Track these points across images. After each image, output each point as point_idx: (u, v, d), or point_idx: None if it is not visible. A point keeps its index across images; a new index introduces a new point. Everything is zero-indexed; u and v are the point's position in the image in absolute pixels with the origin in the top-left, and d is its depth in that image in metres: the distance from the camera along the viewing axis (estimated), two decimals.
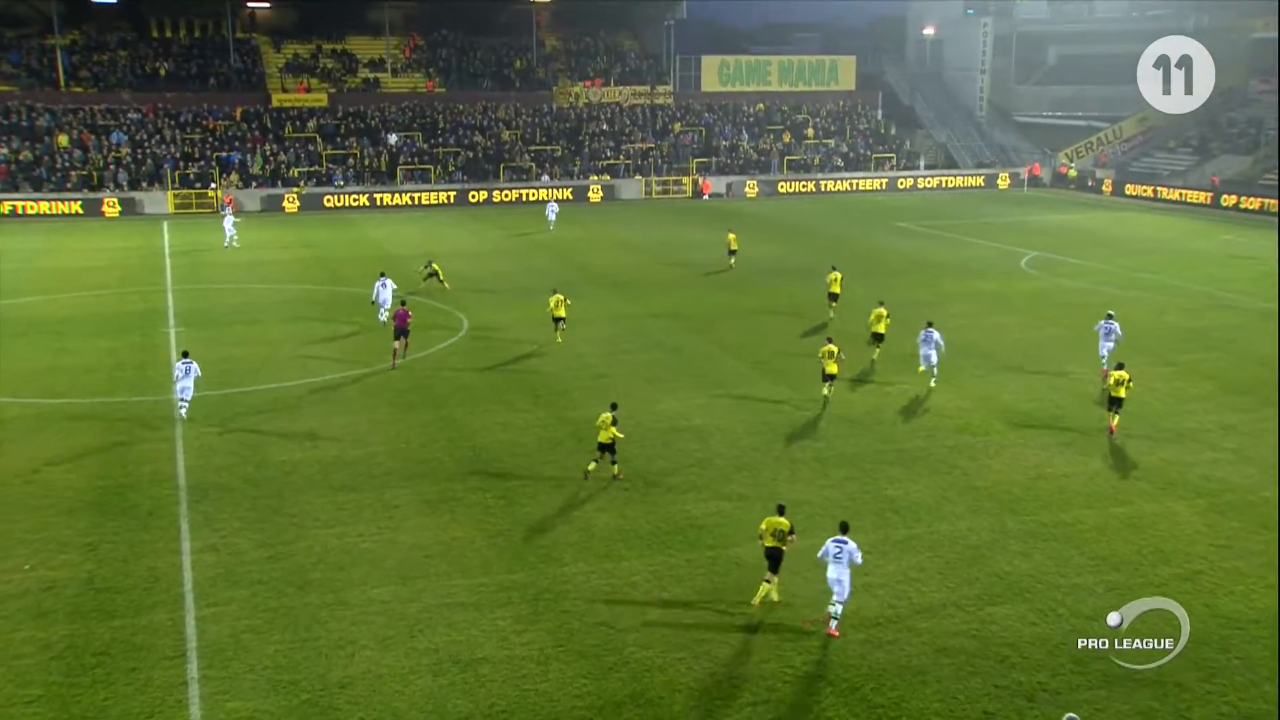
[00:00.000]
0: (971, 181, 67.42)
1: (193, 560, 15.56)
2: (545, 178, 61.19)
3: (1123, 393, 20.92)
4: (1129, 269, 38.35)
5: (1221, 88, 70.77)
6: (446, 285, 33.37)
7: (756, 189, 63.12)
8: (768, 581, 14.60)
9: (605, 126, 65.82)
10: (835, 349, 22.97)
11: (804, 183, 64.51)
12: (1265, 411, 22.03)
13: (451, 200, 57.81)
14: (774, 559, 14.52)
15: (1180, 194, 59.41)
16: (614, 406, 19.08)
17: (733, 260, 38.06)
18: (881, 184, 65.86)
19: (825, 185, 64.62)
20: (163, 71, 59.84)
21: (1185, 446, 20.44)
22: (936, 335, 24.16)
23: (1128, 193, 62.74)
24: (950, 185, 67.32)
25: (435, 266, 33.62)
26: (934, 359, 23.97)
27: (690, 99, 70.28)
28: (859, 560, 14.06)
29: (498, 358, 26.27)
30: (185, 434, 20.56)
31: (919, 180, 66.77)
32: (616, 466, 18.74)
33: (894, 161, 68.40)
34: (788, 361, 25.68)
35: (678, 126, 67.21)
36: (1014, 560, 16.05)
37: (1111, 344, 24.50)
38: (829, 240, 46.33)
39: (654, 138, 65.92)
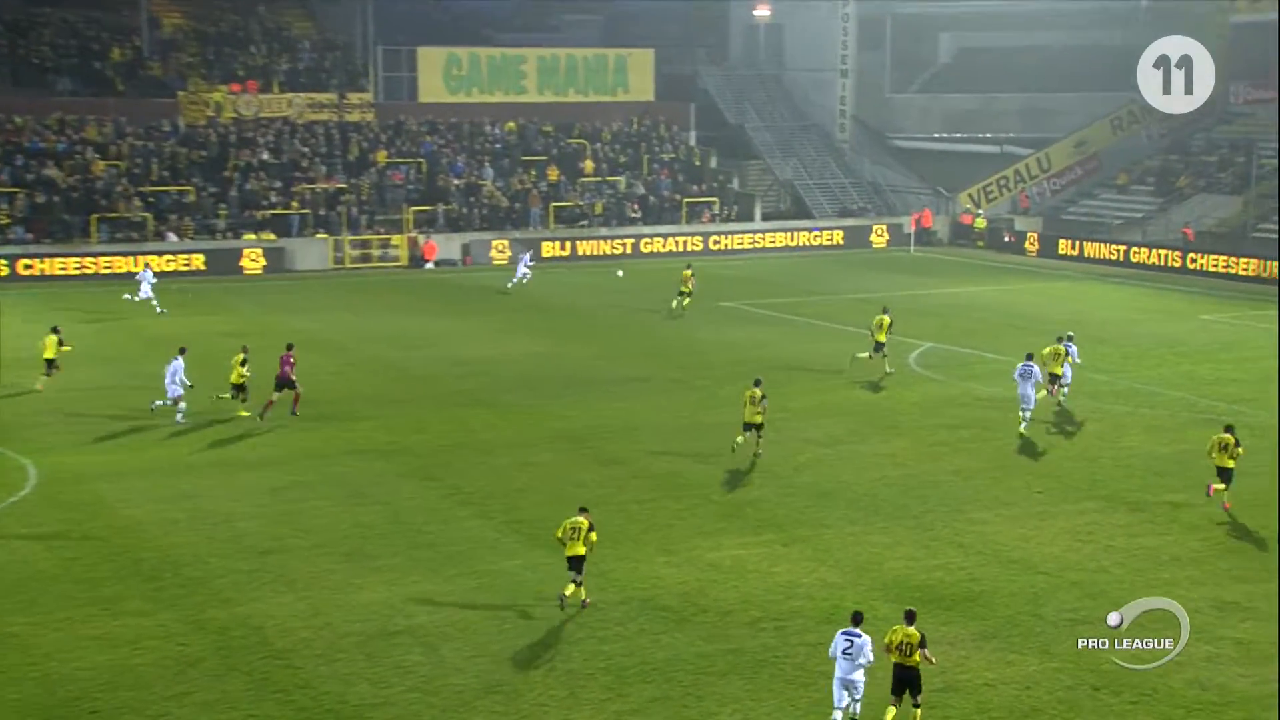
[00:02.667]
0: (831, 238, 70.57)
1: None
2: (171, 236, 59.37)
3: (1231, 462, 25.74)
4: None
5: None
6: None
7: (508, 252, 63.57)
8: (894, 706, 17.49)
9: (267, 156, 64.69)
10: (759, 394, 29.60)
11: (581, 242, 65.79)
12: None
13: (2, 273, 55.28)
14: (906, 681, 17.46)
15: (1137, 253, 63.99)
16: (584, 510, 22.16)
17: (686, 303, 48.64)
18: (697, 243, 67.77)
19: (613, 246, 66.07)
20: None
21: None
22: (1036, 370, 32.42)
23: (1061, 251, 66.89)
24: (800, 244, 70.16)
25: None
26: (1033, 399, 31.97)
27: (402, 113, 70.43)
28: (871, 659, 17.40)
29: (89, 527, 25.33)
30: None
31: (754, 237, 69.26)
32: (583, 590, 21.68)
33: (716, 209, 70.70)
34: (559, 513, 25.40)
35: (383, 156, 66.93)
36: None
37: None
38: (617, 331, 46.86)
39: (346, 174, 65.40)
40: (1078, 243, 66.44)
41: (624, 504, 26.95)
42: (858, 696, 17.59)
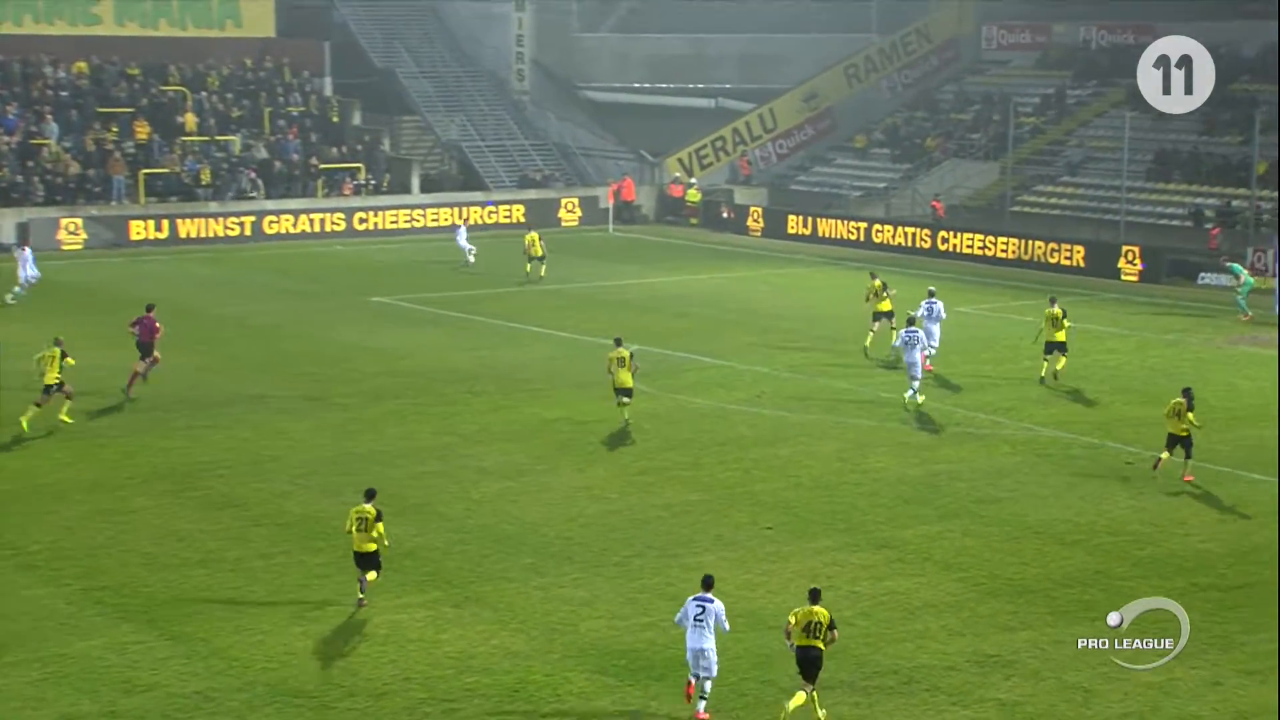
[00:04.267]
0: (510, 214, 70.95)
1: None
2: None
3: (1184, 430, 30.84)
4: (811, 367, 42.13)
5: (936, 41, 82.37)
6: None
7: (83, 236, 61.93)
8: (806, 691, 20.16)
9: None
10: (627, 354, 34.20)
11: (183, 220, 64.62)
12: (1064, 629, 24.18)
13: None
14: (811, 664, 20.22)
15: (880, 232, 66.56)
16: (370, 495, 24.60)
17: (542, 269, 54.78)
18: (338, 221, 67.38)
19: (226, 226, 65.12)
20: None
21: (913, 701, 21.83)
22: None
23: (790, 230, 69.26)
24: (472, 222, 69.92)
25: None
26: (920, 366, 37.02)
27: None
28: (727, 626, 20.64)
29: None
30: None
31: (411, 214, 69.21)
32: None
33: (361, 179, 70.35)
34: (156, 578, 24.67)
35: None
36: None
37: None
38: (232, 335, 45.97)
39: None
40: (810, 219, 68.83)
41: (244, 560, 26.45)
42: (710, 672, 20.37)
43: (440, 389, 39.06)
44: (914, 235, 65.28)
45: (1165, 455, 31.21)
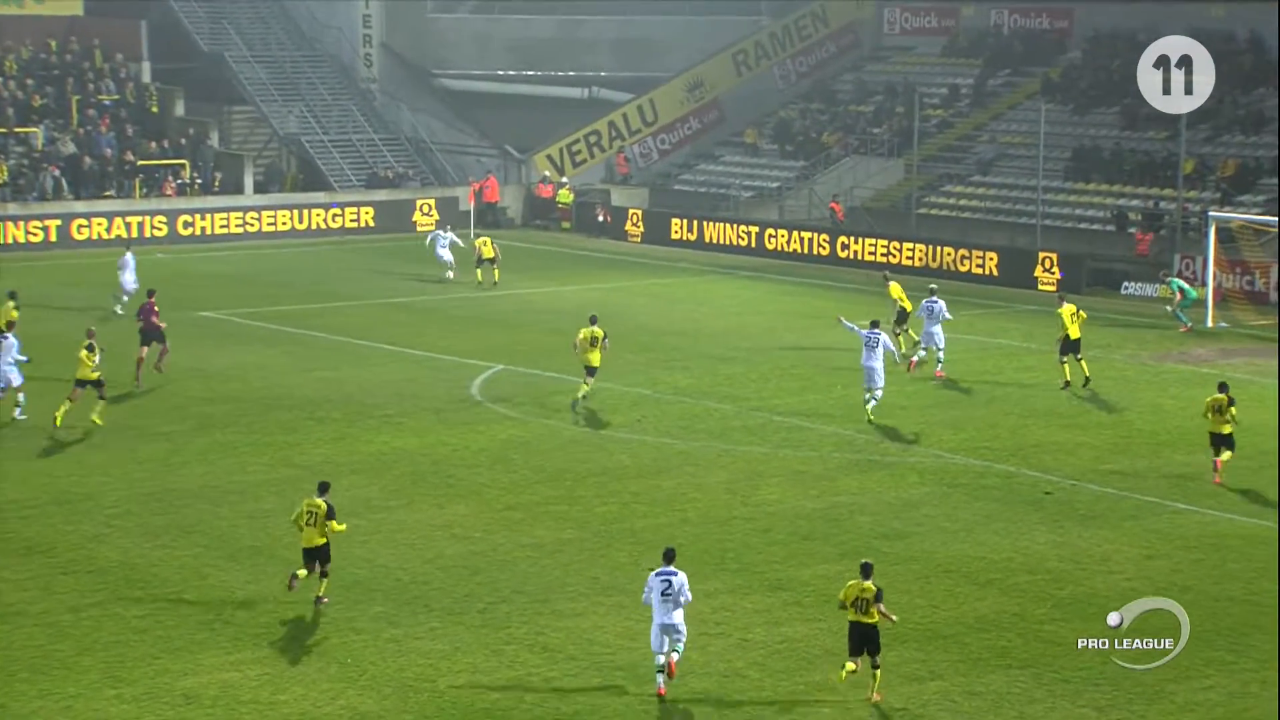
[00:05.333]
0: (359, 218, 70.79)
1: None
2: None
3: (1227, 427, 33.29)
4: (698, 389, 42.32)
5: (833, 25, 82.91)
6: None
7: None
8: (854, 664, 22.86)
9: None
10: (600, 334, 39.17)
11: None
12: (976, 678, 24.70)
13: None
14: (864, 639, 22.86)
15: (774, 237, 66.81)
16: (323, 488, 26.49)
17: (495, 273, 57.61)
18: (160, 225, 66.81)
19: (28, 231, 64.63)
20: None
21: None
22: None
23: (674, 235, 69.43)
24: (314, 227, 69.97)
25: None
26: (881, 375, 38.38)
27: None
28: (689, 597, 23.12)
29: None
30: None
31: (244, 217, 68.74)
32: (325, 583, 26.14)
33: (186, 177, 69.70)
34: None
35: None
36: None
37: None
38: (38, 351, 45.33)
39: None
40: (695, 223, 69.09)
41: (51, 613, 26.03)
42: (680, 639, 22.98)
43: (278, 416, 38.72)
44: (811, 241, 65.65)
45: (1218, 460, 33.41)
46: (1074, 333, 41.63)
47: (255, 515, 31.05)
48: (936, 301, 43.32)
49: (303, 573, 25.87)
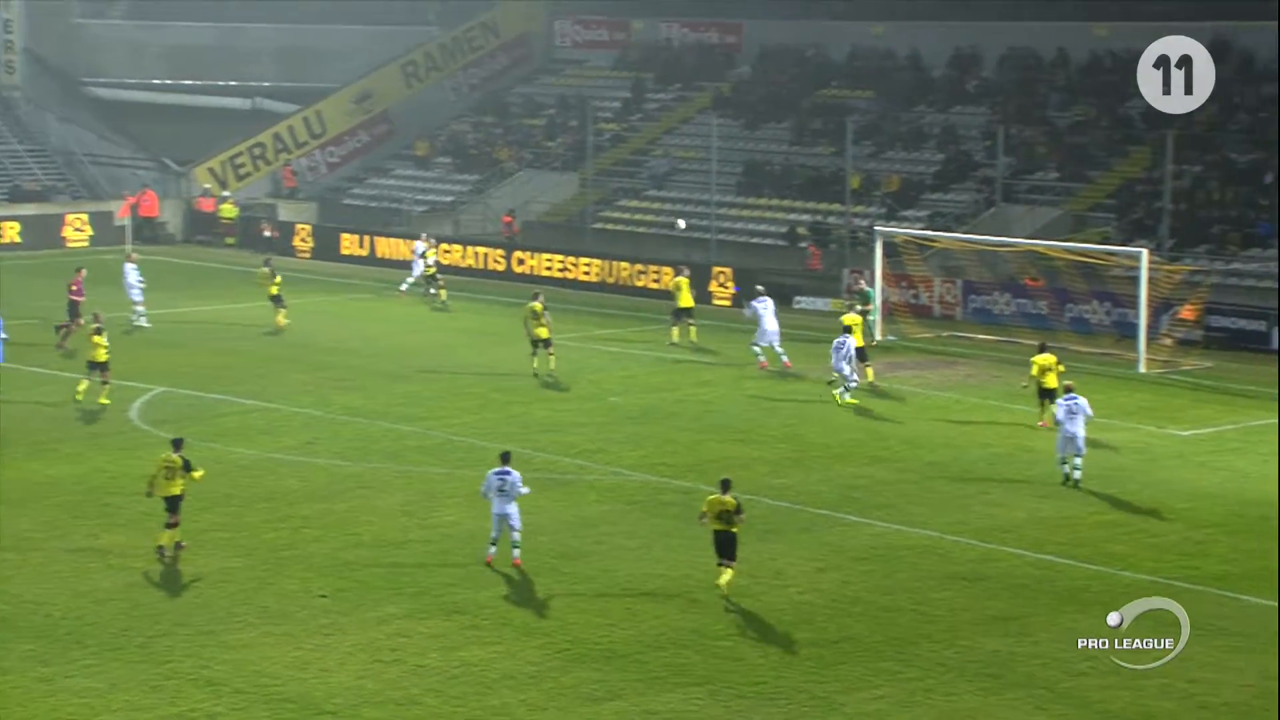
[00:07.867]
0: (2, 233, 68.90)
1: None
2: None
3: (1054, 380, 38.28)
4: (372, 410, 41.98)
5: (505, 36, 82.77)
6: None
7: None
8: (727, 567, 27.61)
9: None
10: (540, 308, 44.48)
11: None
12: (655, 697, 24.70)
13: None
14: (727, 545, 27.75)
15: (449, 252, 65.94)
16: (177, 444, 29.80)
17: (442, 293, 57.95)
18: None
19: None
20: None
21: None
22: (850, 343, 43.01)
23: (345, 250, 69.19)
24: None
25: None
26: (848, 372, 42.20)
27: None
28: (525, 490, 29.06)
29: None
30: None
31: None
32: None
33: None
34: None
35: None
36: None
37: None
38: None
39: None
40: (367, 238, 68.87)
41: None
42: (518, 527, 28.95)
43: None
44: (486, 256, 65.79)
45: (1044, 414, 38.57)
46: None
47: None
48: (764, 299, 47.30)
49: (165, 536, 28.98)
